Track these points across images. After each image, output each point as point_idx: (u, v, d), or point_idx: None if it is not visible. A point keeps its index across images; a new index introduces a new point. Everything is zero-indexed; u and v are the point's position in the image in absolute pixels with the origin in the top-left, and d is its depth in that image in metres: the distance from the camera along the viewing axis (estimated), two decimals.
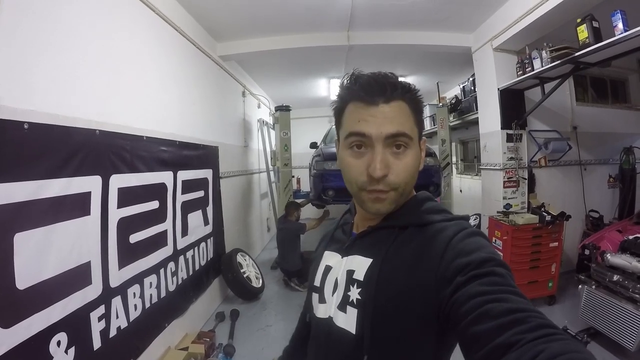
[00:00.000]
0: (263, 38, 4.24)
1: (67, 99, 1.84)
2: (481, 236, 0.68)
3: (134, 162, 2.38)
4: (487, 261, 0.60)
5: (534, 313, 0.50)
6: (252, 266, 4.50)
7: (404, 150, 0.70)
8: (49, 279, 1.63)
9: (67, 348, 1.72)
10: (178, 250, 3.01)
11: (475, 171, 6.67)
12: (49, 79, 1.72)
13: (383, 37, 4.17)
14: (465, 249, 0.63)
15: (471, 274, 0.58)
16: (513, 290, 0.55)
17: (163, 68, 2.96)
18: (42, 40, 1.69)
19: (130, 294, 2.29)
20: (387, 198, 0.71)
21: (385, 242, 0.74)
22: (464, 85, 5.89)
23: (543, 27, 3.35)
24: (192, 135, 3.39)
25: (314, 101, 7.99)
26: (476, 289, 0.56)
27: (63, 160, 1.75)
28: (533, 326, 0.47)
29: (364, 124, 0.69)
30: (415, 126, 0.72)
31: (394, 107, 0.69)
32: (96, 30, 2.09)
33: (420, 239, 0.71)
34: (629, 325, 2.53)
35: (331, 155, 5.24)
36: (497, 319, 0.49)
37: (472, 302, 0.54)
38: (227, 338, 3.28)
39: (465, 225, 0.70)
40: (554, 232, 3.54)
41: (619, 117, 4.98)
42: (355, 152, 0.71)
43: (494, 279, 0.57)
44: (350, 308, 0.73)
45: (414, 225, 0.74)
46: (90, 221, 1.94)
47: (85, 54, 1.99)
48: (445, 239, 0.67)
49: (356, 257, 0.77)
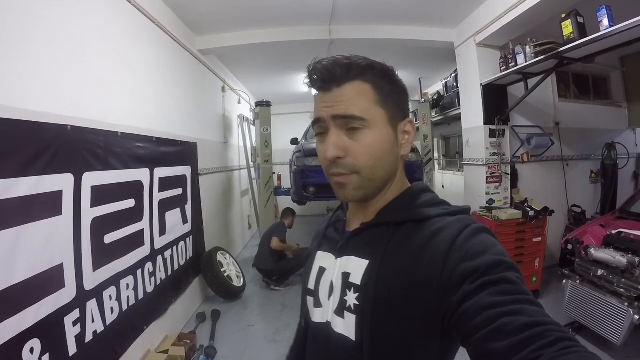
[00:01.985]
0: (243, 32, 4.17)
1: (36, 92, 1.74)
2: (487, 233, 0.65)
3: (108, 159, 2.28)
4: (497, 265, 0.56)
5: (551, 326, 0.48)
6: (232, 265, 4.43)
7: (361, 131, 0.66)
8: (20, 283, 1.54)
9: (41, 355, 1.64)
10: (156, 250, 2.92)
11: (458, 167, 6.77)
12: (14, 72, 1.62)
13: (365, 31, 4.16)
14: (471, 251, 0.59)
15: (480, 282, 0.54)
16: (527, 299, 0.52)
17: (138, 62, 2.85)
18: (6, 31, 1.58)
19: (106, 296, 2.20)
20: (350, 183, 0.68)
21: (380, 241, 0.69)
22: (446, 81, 5.95)
23: (527, 22, 3.39)
24: (169, 131, 3.29)
25: (294, 97, 7.94)
26: (487, 299, 0.52)
27: (32, 158, 1.65)
28: (551, 341, 0.45)
29: (319, 110, 0.69)
30: (377, 105, 0.68)
31: (348, 89, 0.67)
32: (65, 20, 1.99)
33: (419, 237, 0.66)
34: (614, 319, 2.57)
35: (312, 151, 5.20)
36: (513, 337, 0.47)
37: (484, 315, 0.51)
38: (208, 339, 3.21)
39: (469, 221, 0.66)
40: (537, 227, 3.61)
41: (601, 113, 5.12)
42: (319, 139, 0.71)
43: (506, 287, 0.54)
44: (348, 314, 0.69)
45: (411, 221, 0.69)
46: (62, 221, 1.85)
47: (55, 46, 1.89)
48: (448, 238, 0.62)
49: (351, 259, 0.73)
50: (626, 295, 2.58)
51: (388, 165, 0.70)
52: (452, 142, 7.45)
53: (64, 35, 1.97)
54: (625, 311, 2.50)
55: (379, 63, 0.71)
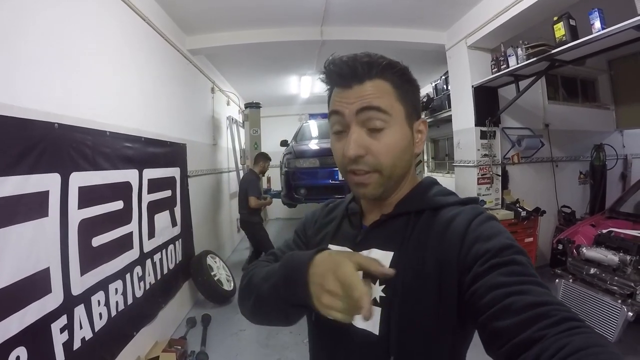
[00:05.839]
0: (234, 32, 4.11)
1: (22, 89, 1.66)
2: (497, 221, 0.68)
3: (96, 158, 2.20)
4: (507, 248, 0.58)
5: (557, 306, 0.49)
6: (222, 268, 4.35)
7: (382, 130, 0.67)
8: (4, 289, 1.45)
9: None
10: (145, 253, 2.83)
11: (447, 169, 6.80)
12: (0, 68, 1.54)
13: (357, 32, 4.15)
14: (484, 233, 0.62)
15: (491, 263, 0.56)
16: (534, 281, 0.53)
17: (128, 60, 2.77)
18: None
19: (94, 301, 2.11)
20: (371, 182, 0.69)
21: (402, 231, 0.70)
22: (436, 84, 5.98)
23: (518, 25, 3.42)
24: (158, 131, 3.21)
25: (284, 99, 7.90)
26: (496, 279, 0.54)
27: (18, 156, 1.57)
28: (557, 320, 0.46)
29: (338, 104, 0.70)
30: (397, 102, 0.69)
31: (369, 86, 0.68)
32: (53, 15, 1.91)
33: (438, 222, 0.68)
34: (607, 316, 2.61)
35: (303, 153, 5.18)
36: (519, 314, 0.48)
37: (492, 294, 0.53)
38: (199, 345, 3.13)
39: (480, 210, 0.70)
40: (529, 227, 3.65)
41: (589, 115, 5.23)
42: (337, 136, 0.72)
43: (515, 268, 0.55)
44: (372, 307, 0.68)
45: (429, 209, 0.72)
46: (48, 223, 1.76)
47: (42, 42, 1.81)
48: (464, 221, 0.65)
49: (373, 251, 0.71)
50: (619, 292, 2.63)
51: (405, 162, 0.72)
52: (441, 144, 7.49)
53: (53, 32, 1.89)
54: (619, 308, 2.55)
55: (397, 62, 0.72)
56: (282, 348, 3.09)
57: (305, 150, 5.31)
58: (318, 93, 7.25)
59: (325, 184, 4.83)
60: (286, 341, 3.18)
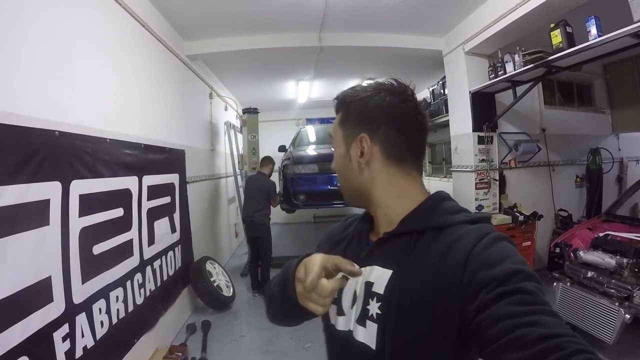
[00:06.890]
0: (232, 38, 4.13)
1: (22, 96, 1.66)
2: (506, 241, 0.65)
3: (96, 166, 2.20)
4: (514, 274, 0.56)
5: (568, 337, 0.47)
6: (221, 274, 4.34)
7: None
8: (5, 298, 1.45)
9: None
10: (145, 260, 2.83)
11: (444, 173, 6.82)
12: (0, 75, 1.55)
13: (355, 38, 4.17)
14: (489, 260, 0.59)
15: (497, 292, 0.54)
16: (544, 310, 0.52)
17: (127, 66, 2.78)
18: None
19: (95, 309, 2.10)
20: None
21: (403, 251, 0.70)
22: (433, 89, 6.02)
23: (515, 32, 3.45)
24: (157, 137, 3.21)
25: (282, 104, 7.91)
26: (504, 309, 0.52)
27: (18, 165, 1.57)
28: (568, 353, 0.45)
29: None
30: (339, 127, 0.80)
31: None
32: (54, 23, 1.92)
33: (439, 245, 0.67)
34: (605, 319, 2.63)
35: (301, 159, 5.19)
36: (529, 349, 0.47)
37: (500, 325, 0.51)
38: (200, 351, 3.12)
39: (488, 230, 0.66)
40: (526, 231, 3.67)
41: (585, 119, 5.29)
42: None
43: (523, 297, 0.53)
44: (369, 322, 0.71)
45: (432, 229, 0.70)
46: (49, 232, 1.76)
47: (42, 49, 1.81)
48: (467, 246, 0.63)
49: (375, 268, 0.73)
50: (616, 295, 2.65)
51: (347, 178, 0.80)
52: (438, 148, 7.51)
53: (52, 38, 1.90)
54: (616, 311, 2.56)
55: (339, 94, 0.82)
56: (282, 354, 3.08)
57: (304, 156, 5.32)
58: (315, 98, 7.27)
59: (324, 190, 4.83)
60: (286, 347, 3.18)
